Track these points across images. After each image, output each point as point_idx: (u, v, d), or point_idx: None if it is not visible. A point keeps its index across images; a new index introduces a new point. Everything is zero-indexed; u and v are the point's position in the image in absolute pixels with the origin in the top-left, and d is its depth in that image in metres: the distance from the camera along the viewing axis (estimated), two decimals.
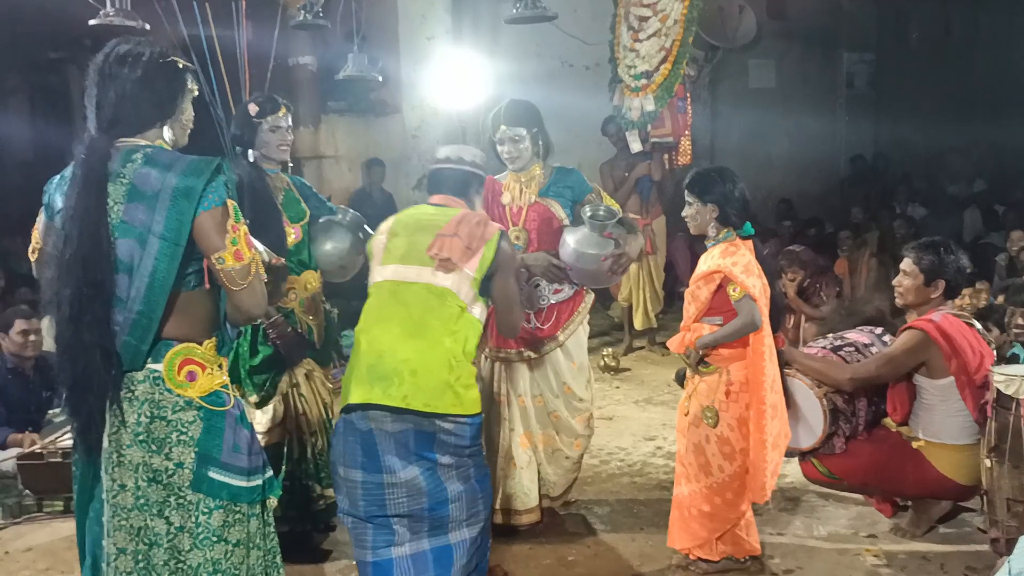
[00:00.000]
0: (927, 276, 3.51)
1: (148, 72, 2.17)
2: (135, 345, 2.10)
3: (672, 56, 5.34)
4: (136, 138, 2.17)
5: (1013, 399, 3.16)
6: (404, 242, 2.84)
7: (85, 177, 2.08)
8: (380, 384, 2.68)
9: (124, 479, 2.14)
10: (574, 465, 3.76)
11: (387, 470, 2.71)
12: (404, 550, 2.72)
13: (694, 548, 3.35)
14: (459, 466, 2.74)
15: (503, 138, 3.59)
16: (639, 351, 6.95)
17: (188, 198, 2.07)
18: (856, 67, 11.58)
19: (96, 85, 2.16)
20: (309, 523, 3.61)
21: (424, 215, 2.91)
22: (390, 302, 2.80)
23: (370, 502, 2.71)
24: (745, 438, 3.21)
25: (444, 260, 2.75)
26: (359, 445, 2.72)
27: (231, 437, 2.18)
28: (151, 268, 2.07)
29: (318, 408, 3.59)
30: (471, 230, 2.80)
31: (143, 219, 2.07)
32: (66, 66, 7.34)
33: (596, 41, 7.32)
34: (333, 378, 4.01)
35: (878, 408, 3.70)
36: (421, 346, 2.70)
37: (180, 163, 2.11)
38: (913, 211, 9.13)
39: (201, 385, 2.17)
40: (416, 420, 2.67)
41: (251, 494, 2.21)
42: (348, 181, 8.26)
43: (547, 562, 3.54)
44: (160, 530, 2.14)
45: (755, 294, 3.11)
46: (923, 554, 3.48)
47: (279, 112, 3.46)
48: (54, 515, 4.10)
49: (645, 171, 6.54)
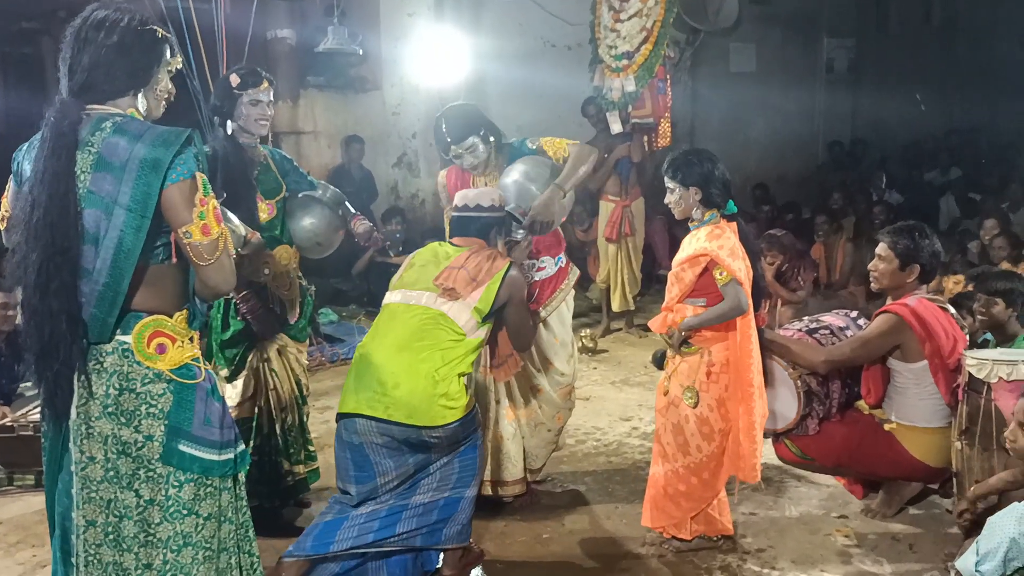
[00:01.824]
0: (902, 260, 3.53)
1: (125, 39, 2.12)
2: (101, 318, 2.07)
3: (653, 37, 5.34)
4: (107, 105, 2.13)
5: (984, 383, 3.19)
6: (417, 272, 3.07)
7: (55, 141, 2.03)
8: (364, 394, 2.84)
9: (93, 451, 2.12)
10: (554, 437, 3.82)
11: (381, 473, 2.92)
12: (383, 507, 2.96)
13: (669, 527, 3.38)
14: (451, 451, 2.95)
15: (458, 154, 3.61)
16: (617, 332, 6.97)
17: (155, 170, 2.02)
18: (836, 52, 11.63)
19: (71, 48, 2.11)
20: (278, 498, 3.60)
21: (442, 251, 3.14)
22: (388, 320, 3.01)
23: (364, 497, 2.95)
24: (724, 419, 3.24)
25: (448, 289, 2.94)
26: (350, 460, 2.93)
27: (202, 410, 2.16)
28: (116, 240, 2.03)
29: (290, 384, 3.57)
30: (479, 264, 2.99)
31: (109, 189, 2.03)
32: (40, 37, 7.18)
33: (577, 21, 7.29)
34: (309, 355, 4.00)
35: (852, 390, 3.74)
36: (408, 359, 2.85)
37: (149, 133, 2.06)
38: (890, 197, 9.19)
39: (171, 358, 2.14)
40: (401, 431, 2.83)
41: (223, 467, 2.19)
42: (327, 158, 8.19)
43: (522, 539, 3.55)
44: (130, 503, 2.12)
45: (741, 278, 3.13)
46: (893, 534, 3.53)
47: (261, 85, 3.41)
48: (25, 489, 4.06)
49: (625, 152, 6.53)
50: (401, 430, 2.82)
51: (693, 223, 3.31)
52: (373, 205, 7.99)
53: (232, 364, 3.45)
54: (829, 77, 11.60)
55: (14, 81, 8.01)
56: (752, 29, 10.48)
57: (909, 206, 8.73)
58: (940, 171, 10.66)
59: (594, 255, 7.26)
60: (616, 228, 6.60)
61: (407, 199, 8.70)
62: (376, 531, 2.91)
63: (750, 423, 3.20)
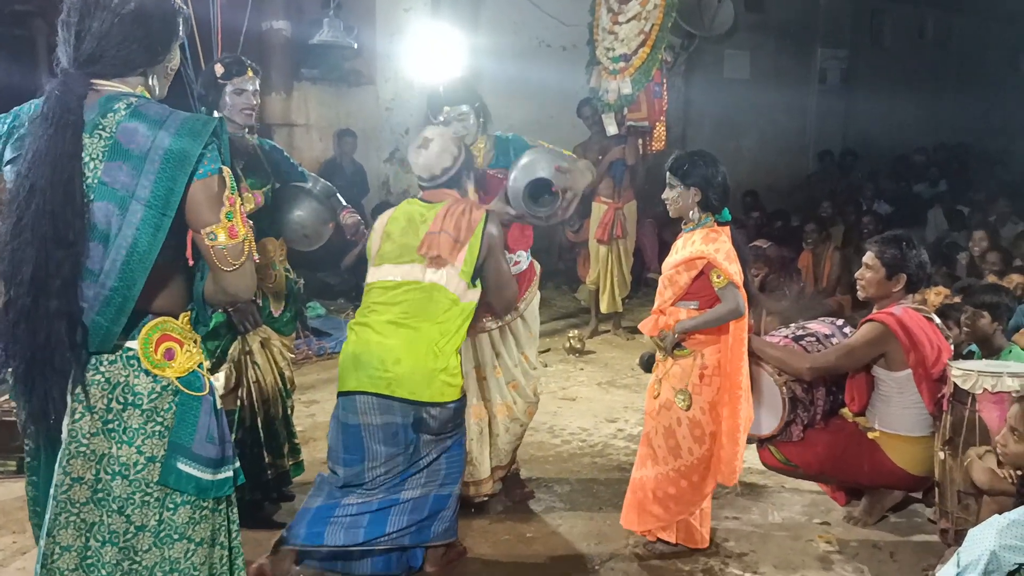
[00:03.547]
0: (889, 270, 3.55)
1: (144, 6, 1.86)
2: (106, 325, 1.82)
3: (651, 40, 5.35)
4: (115, 83, 1.87)
5: (969, 394, 3.21)
6: (398, 243, 3.01)
7: (60, 118, 1.76)
8: (365, 372, 2.84)
9: (81, 471, 1.87)
10: (522, 431, 3.81)
11: (370, 458, 2.92)
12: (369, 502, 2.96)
13: (656, 529, 3.38)
14: (439, 441, 2.95)
15: (448, 119, 3.59)
16: (604, 334, 6.97)
17: (182, 163, 1.78)
18: (829, 62, 11.70)
19: (79, 11, 1.83)
20: (259, 491, 3.58)
21: (416, 213, 3.02)
22: (380, 298, 2.97)
23: (349, 480, 2.96)
24: (715, 422, 3.25)
25: (435, 258, 2.91)
26: (342, 442, 2.93)
27: (206, 425, 1.94)
28: (131, 239, 1.78)
29: (273, 376, 3.55)
30: (457, 222, 2.93)
31: (126, 181, 1.78)
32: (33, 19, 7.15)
33: (574, 22, 7.30)
34: (296, 348, 3.98)
35: (836, 398, 3.76)
36: (407, 335, 2.86)
37: (173, 120, 1.81)
38: (879, 208, 9.25)
39: (180, 364, 1.91)
40: (402, 407, 2.86)
41: (219, 488, 1.97)
42: (319, 151, 8.17)
43: (505, 538, 3.55)
44: (117, 528, 1.88)
45: (738, 281, 3.15)
46: (874, 542, 3.54)
47: (245, 74, 3.38)
48: (7, 475, 4.02)
49: (619, 155, 6.54)
50: (403, 407, 2.86)
51: (686, 225, 3.32)
52: (364, 200, 7.97)
53: (213, 356, 3.43)
54: (822, 87, 11.67)
55: (5, 63, 7.95)
56: (747, 36, 10.53)
57: (897, 217, 8.78)
58: (929, 183, 10.73)
59: (584, 256, 7.26)
60: (608, 230, 6.62)
61: (398, 195, 8.68)
62: (366, 527, 2.92)
63: (734, 426, 3.22)
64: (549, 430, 4.82)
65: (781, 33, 11.02)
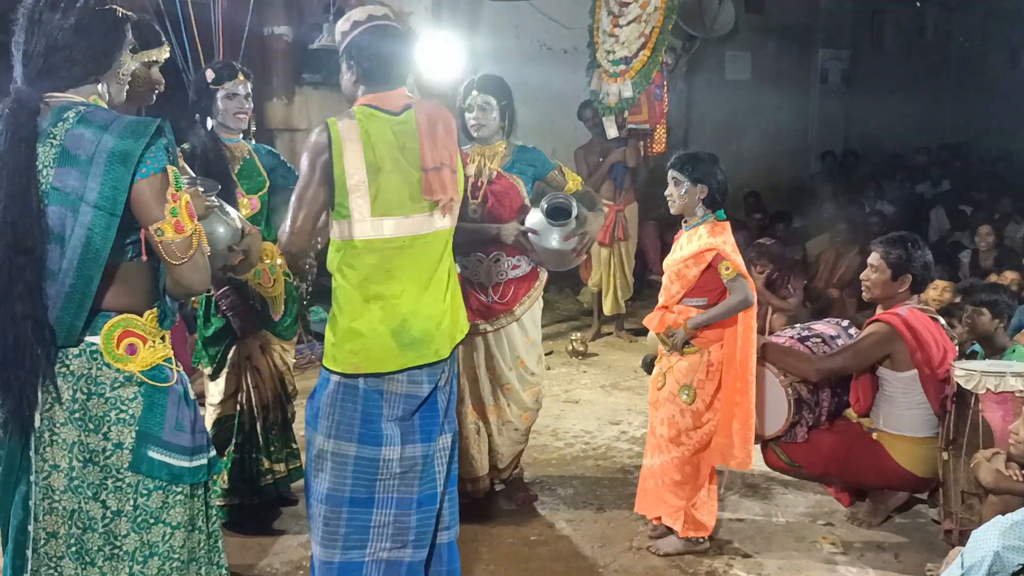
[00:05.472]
0: (894, 271, 3.55)
1: (83, 20, 1.96)
2: (68, 321, 1.94)
3: (651, 43, 5.35)
4: (68, 93, 1.98)
5: (972, 394, 3.21)
6: (395, 189, 2.53)
7: (13, 133, 1.88)
8: (413, 349, 2.59)
9: (57, 459, 1.99)
10: (522, 437, 3.80)
11: (388, 442, 2.59)
12: (379, 555, 2.65)
13: (665, 516, 3.43)
14: (448, 400, 2.74)
15: (472, 104, 3.58)
16: (607, 337, 6.97)
17: (125, 163, 1.87)
18: (830, 63, 11.70)
19: (24, 31, 1.95)
20: (258, 496, 3.57)
21: (395, 140, 2.55)
22: (397, 260, 2.56)
23: (358, 480, 2.59)
24: (714, 411, 3.34)
25: (447, 204, 2.60)
26: (360, 413, 2.58)
27: (174, 415, 2.04)
28: (84, 239, 1.89)
29: (273, 381, 3.55)
30: (439, 139, 2.60)
31: (75, 185, 1.88)
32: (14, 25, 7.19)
33: (575, 25, 7.29)
34: (298, 353, 3.98)
35: (841, 399, 3.76)
36: (436, 295, 2.65)
37: (117, 124, 1.90)
38: (881, 208, 9.23)
39: (142, 359, 2.02)
40: (439, 368, 2.68)
41: (194, 475, 2.07)
42: None
43: (510, 541, 3.55)
44: (95, 514, 2.00)
45: (746, 272, 3.22)
46: (879, 543, 3.54)
47: (237, 79, 3.38)
48: None
49: (620, 157, 6.54)
50: (442, 366, 2.66)
51: (686, 223, 3.37)
52: None
53: (215, 361, 3.45)
54: (823, 88, 11.67)
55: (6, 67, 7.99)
56: (748, 38, 10.54)
57: (899, 217, 8.77)
58: (931, 183, 10.72)
59: (586, 259, 7.25)
60: (609, 232, 6.61)
61: None
62: None
63: (748, 411, 3.28)
64: (552, 433, 4.82)
65: (782, 34, 11.02)
